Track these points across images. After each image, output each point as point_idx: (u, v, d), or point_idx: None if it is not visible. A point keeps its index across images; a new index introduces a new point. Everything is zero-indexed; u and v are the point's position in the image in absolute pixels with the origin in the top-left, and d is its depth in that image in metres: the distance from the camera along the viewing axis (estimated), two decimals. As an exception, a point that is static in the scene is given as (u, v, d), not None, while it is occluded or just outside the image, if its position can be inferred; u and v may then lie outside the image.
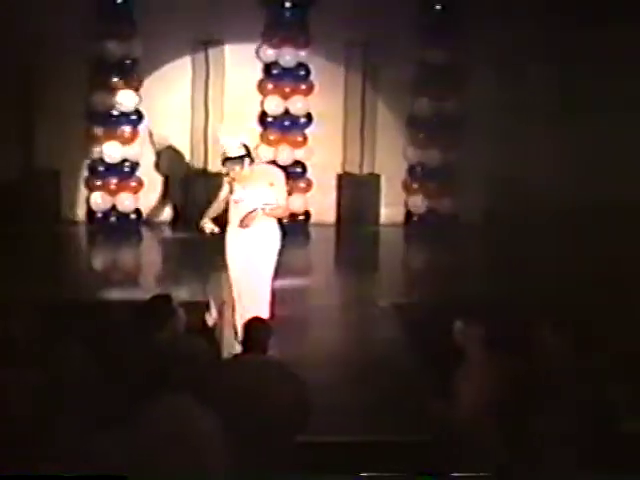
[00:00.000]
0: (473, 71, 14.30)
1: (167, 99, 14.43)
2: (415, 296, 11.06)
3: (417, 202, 14.87)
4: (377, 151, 14.83)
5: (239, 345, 6.59)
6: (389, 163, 14.80)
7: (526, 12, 13.85)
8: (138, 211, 14.30)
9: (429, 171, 14.78)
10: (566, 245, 11.90)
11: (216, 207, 8.81)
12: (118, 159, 14.08)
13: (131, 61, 14.05)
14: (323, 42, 14.29)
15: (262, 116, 14.51)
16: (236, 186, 8.59)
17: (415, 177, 14.89)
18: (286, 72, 14.36)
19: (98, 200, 14.18)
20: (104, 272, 12.71)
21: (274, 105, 14.38)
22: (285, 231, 8.95)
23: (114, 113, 14.00)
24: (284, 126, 14.40)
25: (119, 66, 13.98)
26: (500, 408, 5.99)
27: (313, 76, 14.43)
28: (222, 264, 8.92)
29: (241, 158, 8.48)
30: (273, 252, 8.73)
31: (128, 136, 14.11)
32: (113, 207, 14.15)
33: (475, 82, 14.28)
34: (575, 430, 5.66)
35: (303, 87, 14.42)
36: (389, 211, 14.86)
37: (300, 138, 14.44)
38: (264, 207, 8.49)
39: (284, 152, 14.34)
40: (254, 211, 8.48)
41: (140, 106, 14.17)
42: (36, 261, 11.65)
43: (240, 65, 14.39)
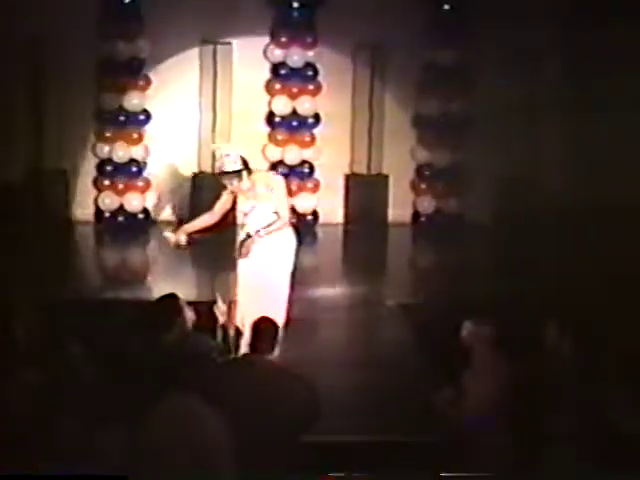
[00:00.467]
0: (481, 72, 14.27)
1: (175, 99, 14.45)
2: (423, 296, 11.04)
3: (425, 202, 14.86)
4: (385, 151, 14.81)
5: (246, 345, 6.57)
6: (397, 163, 14.77)
7: (534, 13, 13.84)
8: (146, 211, 14.32)
9: (437, 171, 14.76)
10: (574, 245, 11.87)
11: (207, 218, 8.39)
12: (126, 159, 14.11)
13: (139, 61, 14.07)
14: (331, 42, 14.29)
15: (270, 116, 14.51)
16: (240, 197, 8.24)
17: (423, 177, 14.88)
18: (294, 72, 14.36)
19: (106, 200, 14.21)
20: (112, 272, 12.72)
21: (282, 105, 14.38)
22: (300, 236, 8.56)
23: (122, 113, 14.02)
24: (292, 126, 14.40)
25: (127, 66, 14.00)
26: (508, 408, 5.99)
27: (321, 76, 14.43)
28: (231, 264, 8.79)
29: (238, 172, 8.07)
30: (288, 260, 8.31)
31: (136, 136, 14.14)
32: (121, 207, 14.18)
33: (483, 83, 14.25)
34: (582, 429, 5.65)
35: (311, 87, 14.41)
36: (397, 211, 14.85)
37: (308, 138, 14.43)
38: (259, 231, 8.08)
39: (292, 152, 14.34)
40: (248, 239, 8.10)
41: (148, 106, 14.19)
42: (44, 261, 11.65)
43: (248, 65, 14.38)
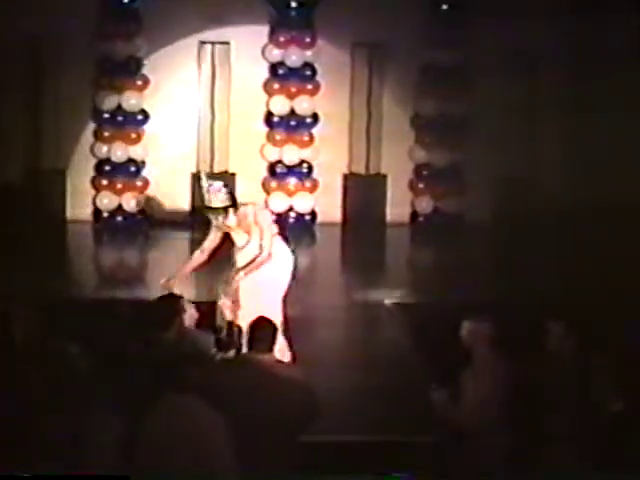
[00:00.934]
0: (480, 72, 14.27)
1: (173, 99, 14.44)
2: (421, 296, 11.04)
3: (423, 202, 14.85)
4: (383, 151, 14.82)
5: (245, 345, 6.56)
6: (395, 163, 14.78)
7: (534, 13, 13.83)
8: (144, 211, 14.30)
9: (435, 171, 14.75)
10: (573, 245, 11.87)
11: (198, 258, 7.85)
12: (124, 159, 14.09)
13: (137, 61, 14.06)
14: (329, 42, 14.30)
15: (268, 116, 14.49)
16: (235, 231, 7.70)
17: (421, 177, 14.87)
18: (292, 72, 14.35)
19: (104, 200, 14.20)
20: (110, 271, 12.72)
21: (280, 105, 14.37)
22: (295, 254, 8.02)
23: (120, 113, 14.01)
24: (290, 126, 14.39)
25: (125, 66, 13.99)
26: (508, 408, 5.98)
27: (319, 76, 14.42)
28: (230, 264, 8.71)
29: (224, 208, 7.53)
30: (284, 279, 7.79)
31: (134, 136, 14.13)
32: (119, 207, 14.17)
33: (481, 83, 14.25)
34: (582, 429, 5.64)
35: (309, 87, 14.40)
36: (395, 211, 14.84)
37: (306, 138, 14.42)
38: (243, 270, 7.52)
39: (290, 152, 14.34)
40: (233, 279, 7.54)
41: (146, 106, 14.18)
42: (42, 260, 11.64)
43: (246, 65, 14.39)
